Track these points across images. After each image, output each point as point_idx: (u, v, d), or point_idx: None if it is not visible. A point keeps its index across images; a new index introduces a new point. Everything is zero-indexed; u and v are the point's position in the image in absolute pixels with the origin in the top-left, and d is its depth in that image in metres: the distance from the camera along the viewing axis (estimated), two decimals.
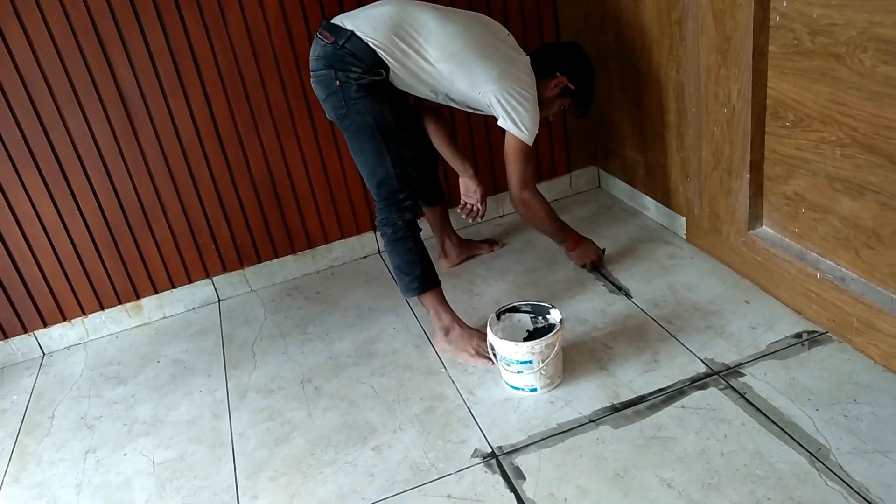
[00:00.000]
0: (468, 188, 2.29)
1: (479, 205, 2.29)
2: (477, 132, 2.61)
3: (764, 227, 2.02)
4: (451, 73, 1.92)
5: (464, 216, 2.31)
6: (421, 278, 2.00)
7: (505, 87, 1.92)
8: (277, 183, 2.47)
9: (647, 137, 2.40)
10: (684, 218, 2.35)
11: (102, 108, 2.20)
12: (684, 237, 2.38)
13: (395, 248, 1.99)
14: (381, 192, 1.96)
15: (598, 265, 2.30)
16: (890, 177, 1.54)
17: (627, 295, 2.15)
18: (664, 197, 2.42)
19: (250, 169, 2.42)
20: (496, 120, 1.99)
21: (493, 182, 2.72)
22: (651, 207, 2.54)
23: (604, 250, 2.32)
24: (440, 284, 2.04)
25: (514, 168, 2.05)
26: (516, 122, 1.96)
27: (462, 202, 2.32)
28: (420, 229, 2.03)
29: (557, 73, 2.06)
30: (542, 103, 2.04)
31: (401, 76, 1.91)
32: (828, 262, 1.81)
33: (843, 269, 1.77)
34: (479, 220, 2.33)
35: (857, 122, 1.58)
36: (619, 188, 2.73)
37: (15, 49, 2.06)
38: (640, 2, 2.19)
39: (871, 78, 1.51)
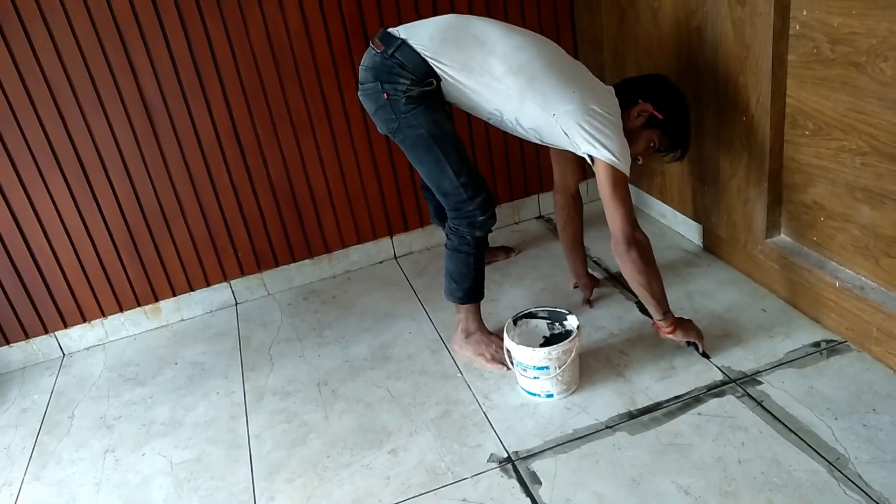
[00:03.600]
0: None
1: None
2: (494, 137, 2.62)
3: (782, 235, 2.01)
4: (521, 91, 1.72)
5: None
6: (468, 290, 1.99)
7: (584, 108, 1.69)
8: (296, 188, 2.49)
9: None
10: (701, 226, 2.35)
11: (125, 112, 2.24)
12: (701, 245, 2.38)
13: (455, 258, 1.95)
14: (448, 202, 1.88)
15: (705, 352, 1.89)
16: None
17: (703, 350, 1.92)
18: (681, 205, 2.42)
19: (269, 174, 2.45)
20: (578, 151, 1.76)
21: (509, 189, 2.74)
22: (668, 215, 2.54)
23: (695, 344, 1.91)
24: (483, 298, 2.04)
25: (615, 204, 1.72)
26: (607, 146, 1.69)
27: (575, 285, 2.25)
28: (487, 245, 1.97)
29: (640, 101, 1.83)
30: (627, 136, 1.77)
31: (460, 91, 1.76)
32: (847, 270, 1.81)
33: (863, 278, 1.76)
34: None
35: (877, 131, 1.58)
36: (636, 196, 2.72)
37: (42, 55, 2.10)
38: (659, 10, 2.20)
39: (891, 87, 1.51)
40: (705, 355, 1.88)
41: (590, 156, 1.74)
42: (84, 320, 2.47)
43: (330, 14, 2.30)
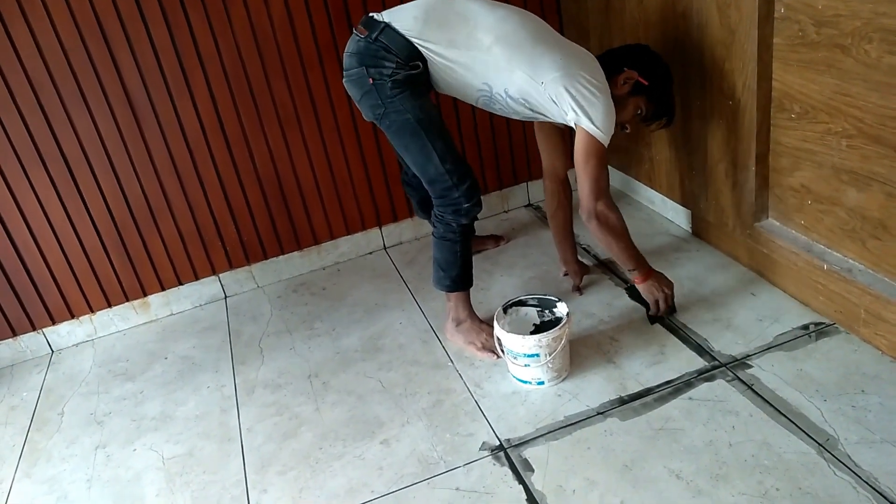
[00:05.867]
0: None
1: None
2: (482, 125, 2.61)
3: (770, 219, 2.02)
4: (510, 61, 1.72)
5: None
6: (455, 279, 1.99)
7: (572, 73, 1.70)
8: (283, 180, 2.48)
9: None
10: (690, 211, 2.35)
11: (109, 107, 2.21)
12: (690, 230, 2.38)
13: (441, 246, 1.95)
14: (433, 189, 1.87)
15: (669, 307, 1.95)
16: None
17: (633, 288, 2.14)
18: (669, 190, 2.42)
19: (256, 166, 2.43)
20: (565, 120, 1.77)
21: (498, 177, 2.73)
22: (656, 201, 2.54)
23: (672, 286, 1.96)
24: (472, 285, 2.04)
25: (585, 173, 1.77)
26: (589, 115, 1.71)
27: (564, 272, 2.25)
28: (474, 232, 1.97)
29: (625, 68, 1.85)
30: (615, 103, 1.79)
31: (447, 71, 1.76)
32: (834, 253, 1.81)
33: (850, 261, 1.77)
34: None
35: (862, 113, 1.58)
36: (625, 182, 2.73)
37: (22, 50, 2.07)
38: None
39: (876, 69, 1.51)
40: (671, 311, 1.96)
41: (574, 123, 1.76)
42: (72, 316, 2.45)
43: (314, 5, 2.27)
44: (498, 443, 1.69)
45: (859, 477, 1.42)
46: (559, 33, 1.87)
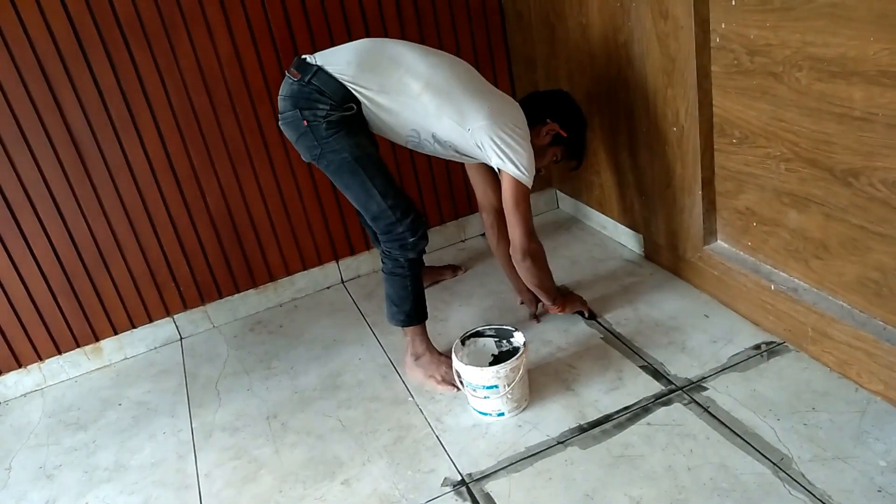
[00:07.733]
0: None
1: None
2: (422, 159, 2.62)
3: (719, 241, 2.06)
4: (439, 108, 1.79)
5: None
6: (409, 313, 1.98)
7: (498, 122, 1.79)
8: (236, 217, 2.45)
9: (602, 159, 2.44)
10: (641, 235, 2.39)
11: (53, 149, 2.17)
12: (642, 254, 2.42)
13: (392, 281, 1.94)
14: (377, 226, 1.88)
15: (592, 313, 2.16)
16: (832, 189, 1.60)
17: (589, 314, 2.17)
18: (621, 216, 2.46)
19: (207, 204, 2.40)
20: (489, 163, 1.86)
21: (453, 207, 2.74)
22: (608, 226, 2.58)
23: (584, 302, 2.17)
24: (426, 318, 2.03)
25: (517, 217, 1.87)
26: (515, 161, 1.80)
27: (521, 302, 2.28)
28: (423, 265, 1.98)
29: (548, 120, 1.97)
30: (535, 153, 1.88)
31: (378, 114, 1.80)
32: (780, 273, 1.86)
33: (796, 280, 1.82)
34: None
35: (798, 138, 1.63)
36: (577, 208, 2.77)
37: None
38: (587, 27, 2.24)
39: (807, 95, 1.56)
40: (592, 316, 2.15)
41: (499, 168, 1.85)
42: (19, 366, 2.37)
43: (261, 40, 2.27)
44: (460, 478, 1.68)
45: (813, 495, 1.44)
46: (509, 77, 1.96)
